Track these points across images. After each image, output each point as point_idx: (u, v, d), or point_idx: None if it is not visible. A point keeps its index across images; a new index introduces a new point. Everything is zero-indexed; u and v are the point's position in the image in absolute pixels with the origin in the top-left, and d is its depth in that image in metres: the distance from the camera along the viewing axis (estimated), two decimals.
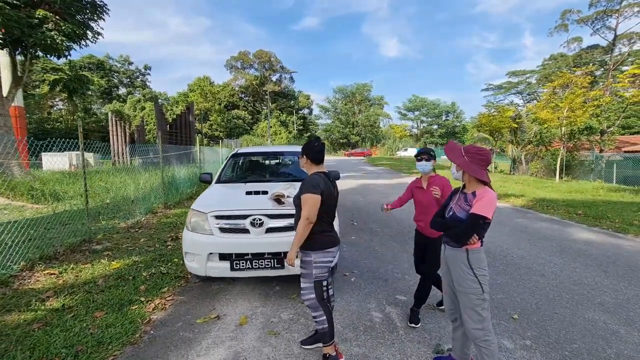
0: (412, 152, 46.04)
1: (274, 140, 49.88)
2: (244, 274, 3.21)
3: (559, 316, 3.03)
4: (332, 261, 2.41)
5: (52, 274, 3.66)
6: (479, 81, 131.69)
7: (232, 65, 57.61)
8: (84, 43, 12.11)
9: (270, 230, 3.25)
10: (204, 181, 4.49)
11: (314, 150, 2.40)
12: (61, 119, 39.10)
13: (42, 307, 2.98)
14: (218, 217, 3.27)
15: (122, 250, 4.64)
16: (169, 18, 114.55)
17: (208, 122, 46.65)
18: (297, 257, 2.31)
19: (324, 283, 2.37)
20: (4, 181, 9.35)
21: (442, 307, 3.12)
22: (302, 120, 59.28)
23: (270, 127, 51.72)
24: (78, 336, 2.60)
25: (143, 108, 41.98)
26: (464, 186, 2.18)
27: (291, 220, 3.25)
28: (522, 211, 8.10)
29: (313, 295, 2.32)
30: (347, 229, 6.14)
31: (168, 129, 23.15)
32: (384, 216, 7.22)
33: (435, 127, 58.17)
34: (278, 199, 3.38)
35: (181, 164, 14.17)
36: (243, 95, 57.78)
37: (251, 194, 3.66)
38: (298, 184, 4.18)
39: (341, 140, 58.89)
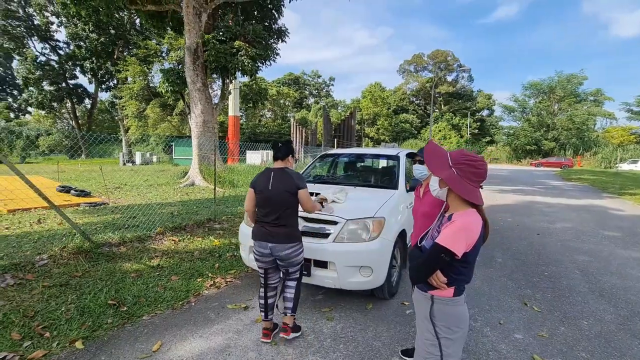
0: None
1: (442, 145, 46.62)
2: None
3: None
4: (262, 252, 2.56)
5: (173, 240, 4.82)
6: None
7: (404, 69, 57.75)
8: (268, 63, 15.19)
9: (303, 233, 3.10)
10: None
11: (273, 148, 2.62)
12: (266, 125, 50.20)
13: (147, 263, 3.97)
14: None
15: (231, 232, 5.55)
16: (354, 33, 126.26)
17: (375, 126, 48.63)
18: None
19: (261, 273, 2.67)
20: (208, 170, 12.96)
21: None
22: (479, 123, 52.67)
23: (439, 130, 48.78)
24: (147, 290, 3.33)
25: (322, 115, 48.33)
26: (447, 206, 1.51)
27: (324, 226, 3.02)
28: None
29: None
30: None
31: (333, 132, 25.75)
32: (526, 242, 5.53)
33: None
34: (320, 202, 3.19)
35: None
36: (414, 99, 56.95)
37: None
38: (356, 189, 3.81)
39: (529, 147, 48.36)
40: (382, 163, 4.84)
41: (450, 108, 53.05)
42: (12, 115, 40.36)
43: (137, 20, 27.78)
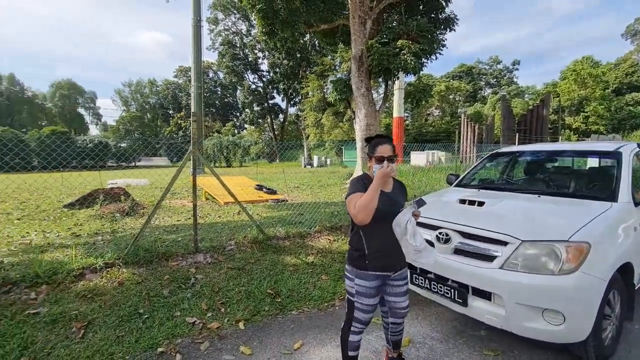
0: None
1: None
2: (421, 292, 2.74)
3: None
4: None
5: (328, 239, 5.04)
6: None
7: (636, 30, 42.09)
8: (433, 57, 14.20)
9: (458, 251, 2.52)
10: (449, 182, 4.10)
11: None
12: (433, 124, 47.55)
13: (303, 259, 4.27)
14: None
15: None
16: (551, 1, 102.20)
17: (582, 113, 37.54)
18: None
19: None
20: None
21: None
22: None
23: None
24: (300, 286, 3.54)
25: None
26: None
27: (489, 246, 2.36)
28: None
29: None
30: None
31: (516, 126, 21.54)
32: None
33: None
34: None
35: None
36: None
37: (464, 203, 2.94)
38: (540, 199, 2.77)
39: None
40: (589, 163, 3.44)
41: None
42: (235, 131, 54.91)
43: (316, 42, 32.02)
